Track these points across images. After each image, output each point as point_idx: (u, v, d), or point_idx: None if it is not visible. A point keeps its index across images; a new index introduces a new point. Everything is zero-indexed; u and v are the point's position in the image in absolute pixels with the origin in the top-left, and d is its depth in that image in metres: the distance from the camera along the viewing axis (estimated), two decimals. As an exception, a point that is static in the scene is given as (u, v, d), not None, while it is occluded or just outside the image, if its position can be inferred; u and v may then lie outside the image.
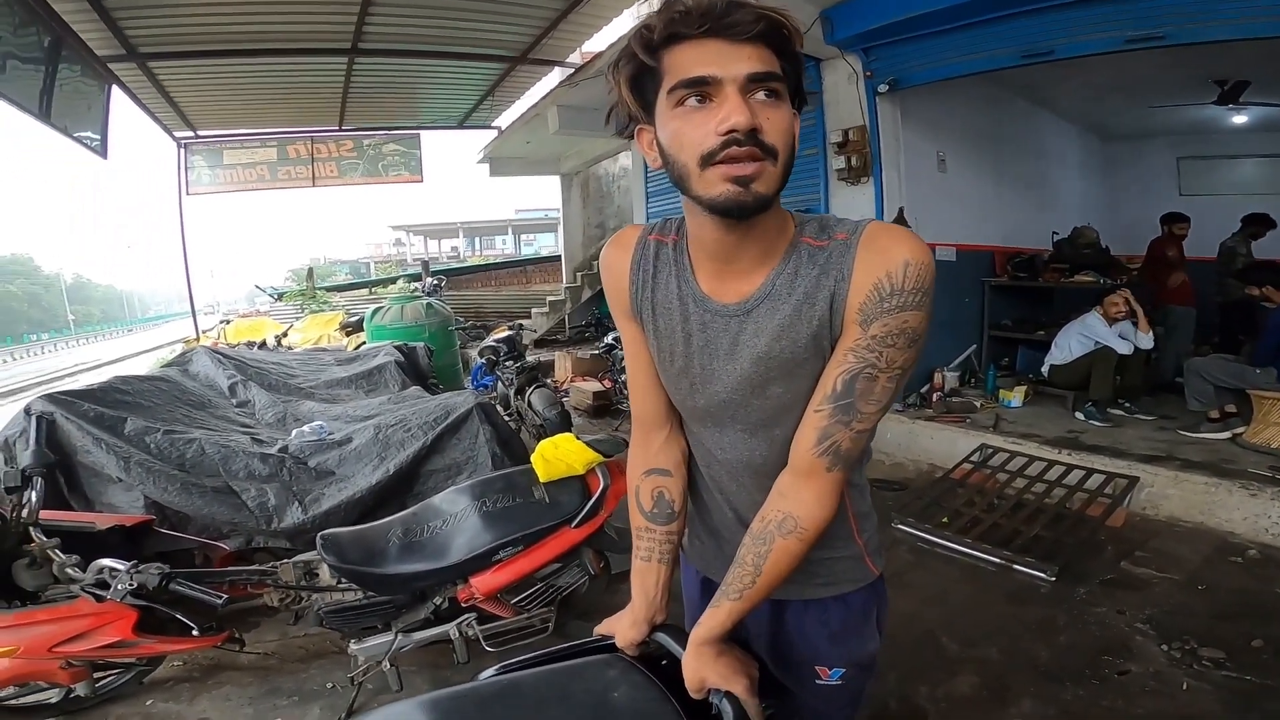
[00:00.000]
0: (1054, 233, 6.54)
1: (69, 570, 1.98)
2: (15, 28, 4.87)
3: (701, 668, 0.98)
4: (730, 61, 0.78)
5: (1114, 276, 5.90)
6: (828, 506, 0.95)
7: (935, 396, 5.31)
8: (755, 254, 0.92)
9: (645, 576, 1.13)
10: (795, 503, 0.95)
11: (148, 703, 2.42)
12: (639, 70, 0.85)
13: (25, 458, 2.25)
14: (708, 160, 0.80)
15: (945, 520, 3.65)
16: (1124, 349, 4.77)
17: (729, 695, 0.96)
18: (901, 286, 0.84)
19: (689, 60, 0.80)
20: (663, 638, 1.13)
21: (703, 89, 0.79)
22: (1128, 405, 4.96)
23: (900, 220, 5.35)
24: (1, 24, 4.71)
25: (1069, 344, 5.06)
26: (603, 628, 1.18)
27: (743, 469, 1.05)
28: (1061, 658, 2.54)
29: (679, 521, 1.15)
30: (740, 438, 1.03)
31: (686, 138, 0.81)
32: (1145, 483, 3.80)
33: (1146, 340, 4.84)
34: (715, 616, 0.98)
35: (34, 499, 2.05)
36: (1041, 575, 3.11)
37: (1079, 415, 4.87)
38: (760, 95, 0.80)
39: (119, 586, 1.89)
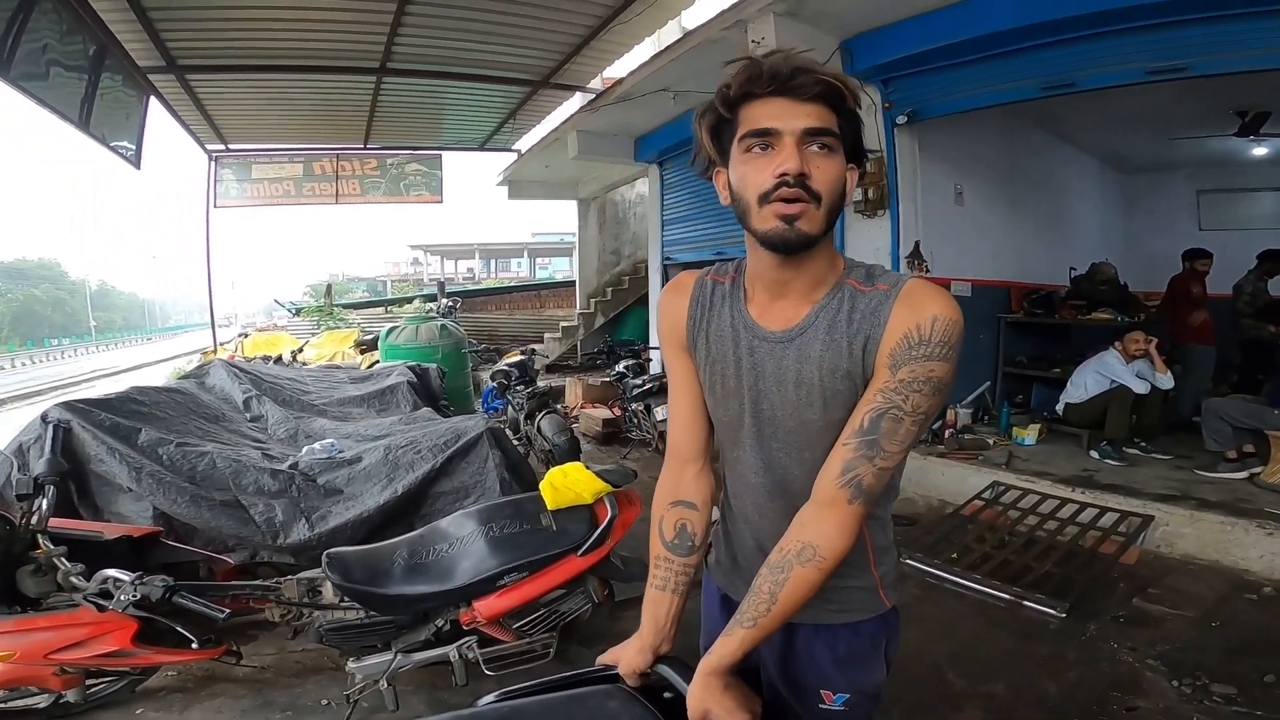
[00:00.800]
0: (1071, 268, 6.48)
1: (73, 579, 2.00)
2: (61, 35, 4.97)
3: (707, 698, 0.97)
4: (791, 117, 0.93)
5: (1132, 314, 5.83)
6: (847, 537, 0.99)
7: (948, 433, 5.24)
8: (804, 287, 1.03)
9: (658, 605, 1.16)
10: (816, 533, 0.99)
11: (138, 711, 2.42)
12: (718, 121, 1.00)
13: (39, 465, 2.28)
14: (764, 199, 0.94)
15: (955, 556, 3.60)
16: (1141, 388, 4.71)
17: None
18: (929, 338, 0.95)
19: (757, 114, 0.95)
20: (665, 670, 1.12)
21: (766, 139, 0.94)
22: (1143, 444, 4.87)
23: (915, 254, 5.35)
24: (48, 31, 4.80)
25: (1085, 382, 4.99)
26: (606, 657, 1.18)
27: (772, 494, 1.11)
28: (1070, 694, 2.50)
29: (698, 555, 1.20)
30: (776, 459, 1.10)
31: (750, 179, 0.96)
32: (1160, 521, 3.73)
33: (1165, 381, 4.76)
34: (728, 645, 0.99)
35: (44, 507, 2.06)
36: (1051, 611, 3.05)
37: (1094, 454, 4.80)
38: (814, 147, 0.93)
39: (122, 597, 1.90)
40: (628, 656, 1.13)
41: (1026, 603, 3.14)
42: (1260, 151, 7.02)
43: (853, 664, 1.14)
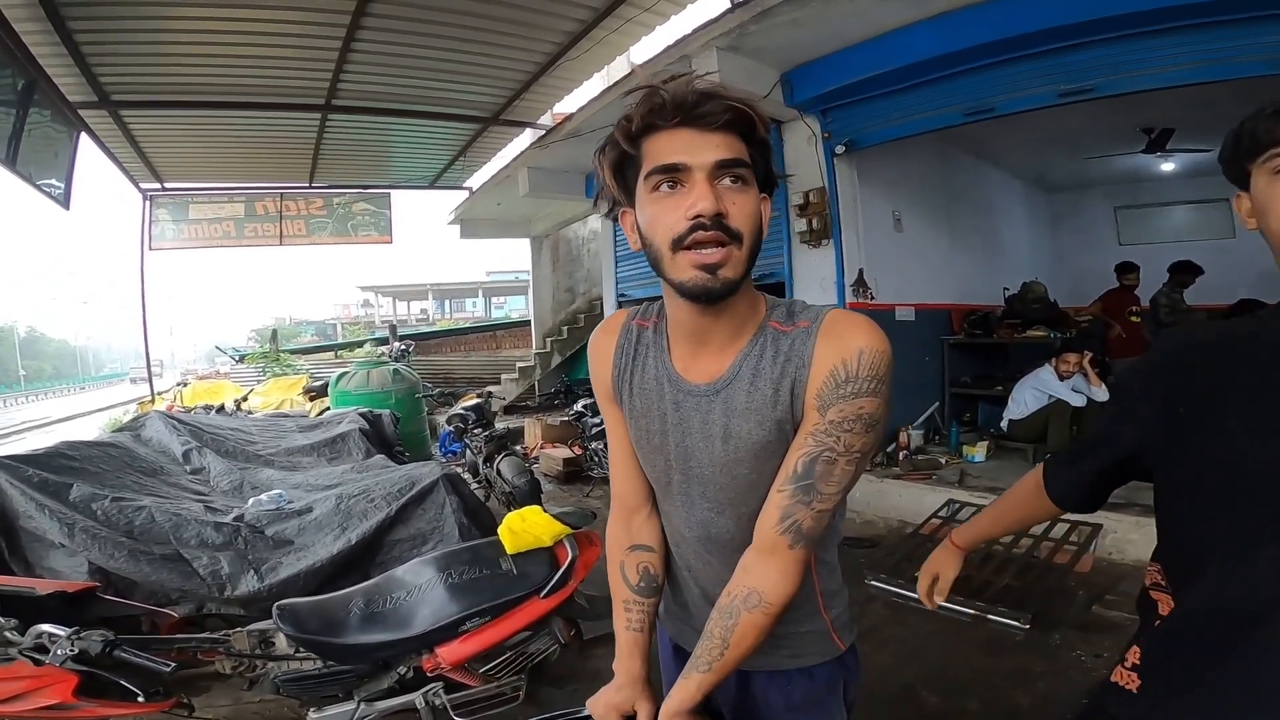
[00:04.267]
0: (1005, 288, 6.77)
1: (6, 634, 1.88)
2: None
3: None
4: (699, 150, 0.85)
5: (1064, 330, 6.10)
6: (791, 581, 0.97)
7: (901, 454, 5.36)
8: (726, 335, 0.97)
9: (635, 647, 1.15)
10: (760, 578, 0.97)
11: (85, 770, 2.25)
12: (620, 157, 0.92)
13: (-37, 525, 2.15)
14: (677, 244, 0.86)
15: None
16: (1077, 401, 4.90)
17: None
18: (856, 374, 0.90)
19: (662, 148, 0.87)
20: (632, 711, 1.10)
21: (674, 175, 0.86)
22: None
23: (860, 282, 5.50)
24: None
25: (1024, 398, 5.17)
26: (590, 702, 1.15)
27: (709, 546, 1.09)
28: (1041, 704, 2.54)
29: (659, 595, 1.20)
30: (708, 515, 1.06)
31: (659, 222, 0.88)
32: (1108, 529, 3.86)
33: (1100, 393, 4.96)
34: (685, 689, 0.99)
35: (-30, 567, 1.95)
36: (1015, 624, 3.11)
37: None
38: (727, 181, 0.87)
39: (59, 652, 1.80)
40: (607, 697, 1.10)
41: (991, 617, 3.19)
42: (1169, 167, 7.52)
43: (809, 709, 1.12)
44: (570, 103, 7.88)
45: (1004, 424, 5.38)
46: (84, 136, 6.86)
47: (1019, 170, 8.08)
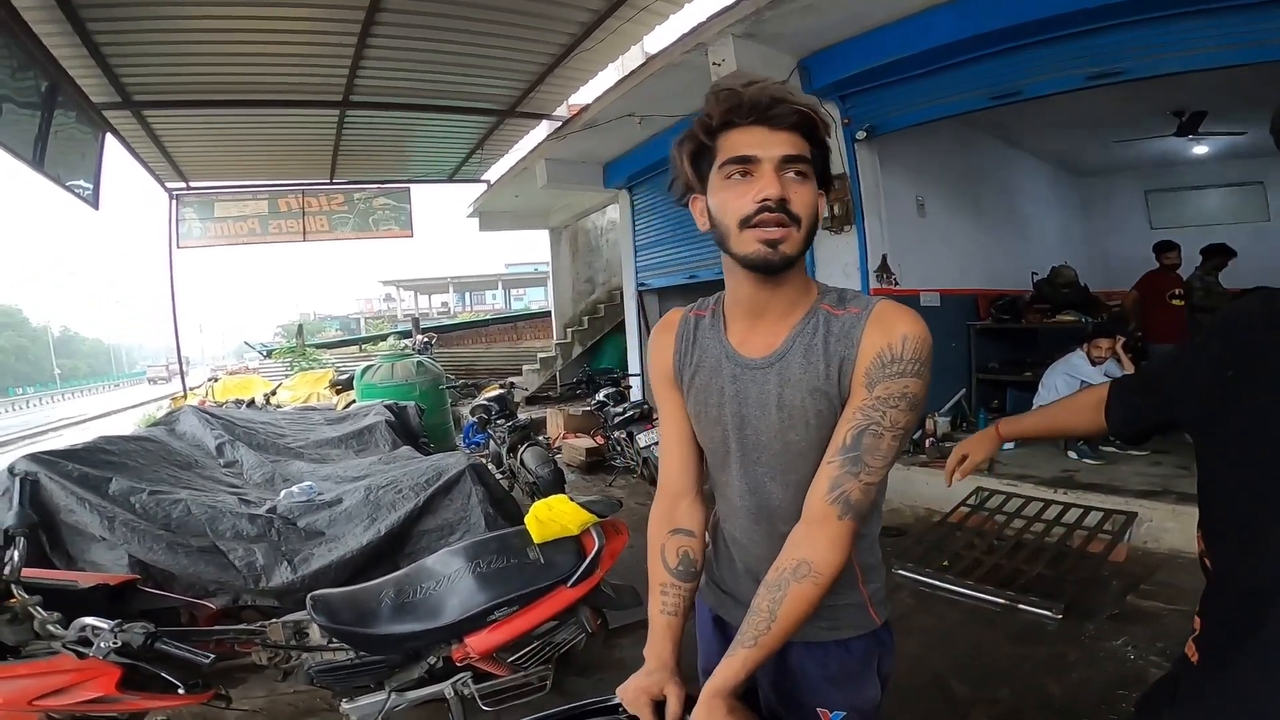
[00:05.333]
0: (1033, 273, 6.65)
1: (50, 627, 1.93)
2: (13, 71, 4.86)
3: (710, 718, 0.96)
4: (769, 145, 0.98)
5: (1095, 314, 5.97)
6: (840, 552, 1.01)
7: (929, 442, 5.29)
8: (780, 310, 1.08)
9: (668, 631, 1.17)
10: (808, 549, 1.01)
11: (126, 761, 2.31)
12: (698, 149, 1.05)
13: (8, 517, 2.21)
14: (745, 223, 0.99)
15: (946, 564, 3.61)
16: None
17: None
18: (901, 356, 1.00)
19: (737, 143, 1.00)
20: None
21: (746, 165, 0.99)
22: (1119, 442, 4.97)
23: (884, 268, 5.44)
24: None
25: (1055, 384, 5.08)
26: (620, 689, 1.14)
27: (759, 516, 1.14)
28: (1074, 694, 2.50)
29: (697, 580, 1.24)
30: (760, 482, 1.13)
31: (730, 205, 1.01)
32: (1144, 517, 3.79)
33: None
34: (731, 666, 0.99)
35: (16, 558, 2.01)
36: (1047, 614, 3.07)
37: (1072, 454, 4.87)
38: (791, 174, 0.99)
39: (101, 644, 1.84)
40: (637, 682, 1.10)
41: (1021, 606, 3.16)
42: (1201, 150, 7.32)
43: (846, 681, 1.16)
44: (586, 94, 7.86)
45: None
46: (109, 137, 6.98)
47: (1046, 154, 7.91)
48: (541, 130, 8.96)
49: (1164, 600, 3.15)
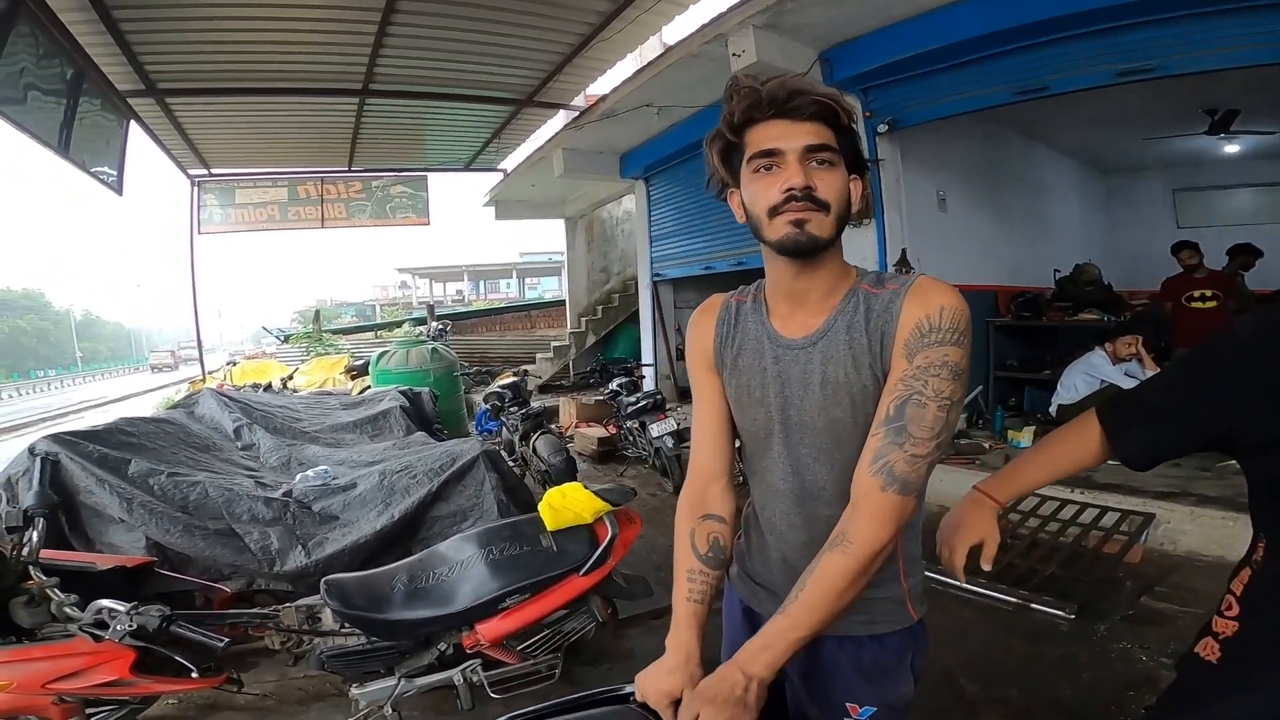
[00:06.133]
0: (1056, 270, 6.55)
1: (67, 609, 1.96)
2: (39, 59, 4.91)
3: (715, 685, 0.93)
4: (792, 137, 1.01)
5: (1118, 313, 5.87)
6: (881, 526, 0.98)
7: (943, 436, 5.24)
8: (821, 293, 1.09)
9: (693, 620, 1.12)
10: (848, 522, 1.00)
11: (140, 741, 2.36)
12: (726, 146, 1.08)
13: (28, 498, 2.25)
14: (774, 212, 1.02)
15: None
16: (1130, 387, 4.72)
17: None
18: (939, 325, 1.01)
19: (761, 137, 1.02)
20: None
21: (771, 159, 1.01)
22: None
23: (903, 261, 5.38)
24: (25, 55, 4.74)
25: (1074, 383, 5.01)
26: (639, 678, 1.11)
27: (801, 501, 1.13)
28: (1085, 695, 2.48)
29: (725, 568, 1.22)
30: (805, 463, 1.12)
31: (759, 196, 1.03)
32: (1161, 519, 3.74)
33: (1154, 378, 4.78)
34: (755, 639, 0.97)
35: (35, 539, 2.03)
36: (1060, 613, 3.04)
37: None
38: (815, 163, 1.01)
39: (118, 627, 1.86)
40: (657, 678, 1.06)
41: (1034, 606, 3.13)
42: (1232, 149, 7.14)
43: (878, 676, 1.14)
44: (604, 84, 7.83)
45: (1052, 409, 5.22)
46: (133, 124, 7.05)
47: (1071, 150, 7.78)
48: (559, 120, 8.95)
49: (1178, 603, 3.11)
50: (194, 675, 2.03)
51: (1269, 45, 3.54)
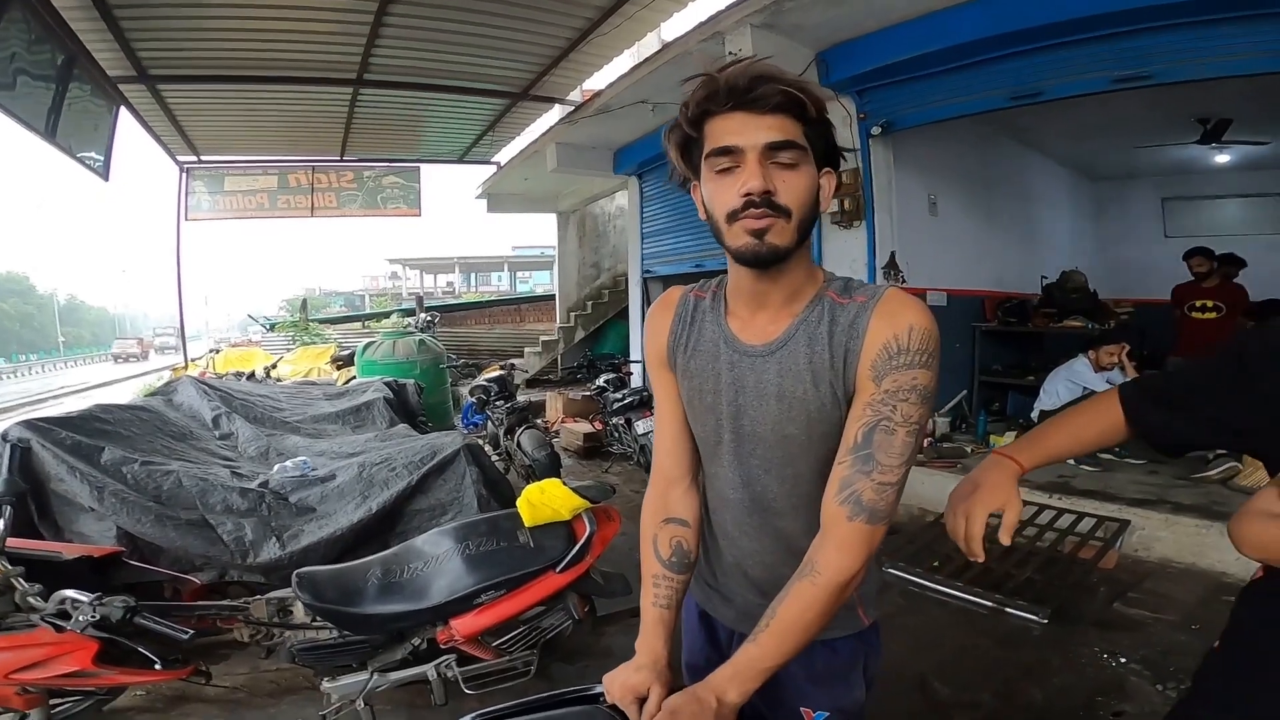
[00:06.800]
0: (1043, 276, 6.59)
1: (30, 599, 1.93)
2: (29, 44, 4.83)
3: (684, 707, 0.92)
4: (752, 132, 0.92)
5: (1103, 321, 5.91)
6: (848, 555, 0.95)
7: (927, 442, 5.26)
8: (782, 298, 1.04)
9: (660, 625, 1.13)
10: (817, 550, 0.98)
11: (105, 732, 2.33)
12: (685, 139, 1.00)
13: (-4, 485, 2.20)
14: (732, 218, 0.95)
15: (937, 564, 3.60)
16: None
17: None
18: (908, 346, 0.95)
19: (719, 131, 0.95)
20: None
21: (730, 156, 0.94)
22: (1118, 449, 4.93)
23: (891, 264, 5.39)
24: (15, 39, 4.66)
25: (1056, 389, 5.04)
26: (607, 679, 1.11)
27: (752, 510, 1.10)
28: (1055, 700, 2.50)
29: (692, 572, 1.20)
30: (755, 475, 1.08)
31: (717, 198, 0.97)
32: (1136, 525, 3.77)
33: (1134, 387, 4.81)
34: (726, 667, 0.96)
35: (1, 527, 1.99)
36: (1034, 618, 3.06)
37: (1069, 460, 4.83)
38: (778, 163, 0.93)
39: (80, 618, 1.84)
40: (625, 675, 1.08)
41: (1008, 610, 3.14)
42: (1222, 159, 7.17)
43: (831, 681, 1.14)
44: (599, 79, 7.81)
45: (1034, 414, 5.25)
46: (123, 111, 6.95)
47: (1062, 157, 7.81)
48: (554, 114, 8.91)
49: (1150, 609, 3.14)
50: (158, 667, 2.00)
51: (1265, 55, 3.55)
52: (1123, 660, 2.71)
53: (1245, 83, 4.04)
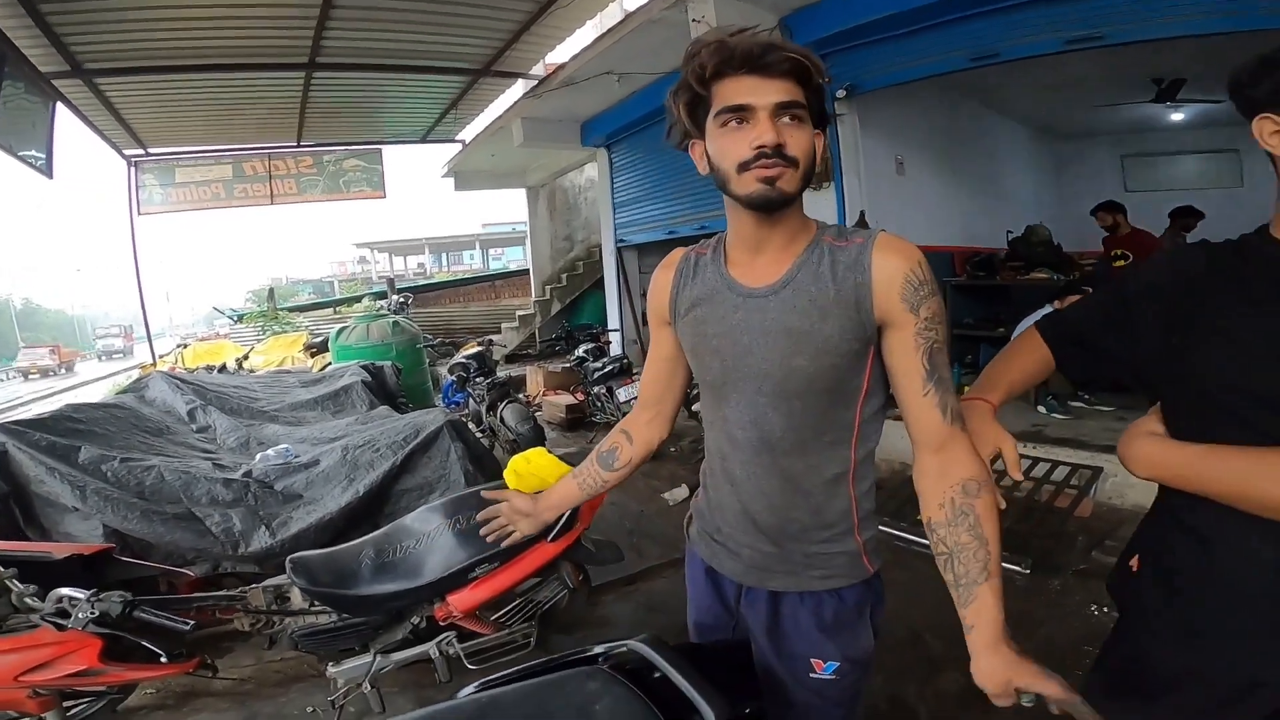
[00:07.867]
0: (1008, 231, 6.69)
1: (27, 599, 1.91)
2: None
3: (1007, 669, 0.97)
4: (763, 93, 1.00)
5: (1068, 272, 6.04)
6: (979, 457, 1.07)
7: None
8: (781, 241, 1.10)
9: (567, 491, 1.48)
10: (960, 467, 1.06)
11: (122, 730, 2.33)
12: (693, 98, 1.06)
13: (-25, 490, 2.16)
14: (744, 167, 1.02)
15: (919, 518, 3.68)
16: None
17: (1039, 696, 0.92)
18: (925, 278, 1.05)
19: (732, 91, 1.02)
20: (642, 648, 1.12)
21: (742, 114, 1.01)
22: (1087, 397, 5.08)
23: (861, 222, 5.43)
24: None
25: (1025, 340, 5.15)
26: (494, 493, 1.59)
27: (759, 449, 1.14)
28: (1042, 650, 2.54)
29: (614, 475, 1.42)
30: (763, 411, 1.13)
31: (728, 151, 1.03)
32: (1109, 472, 3.87)
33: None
34: (985, 609, 1.00)
35: (-15, 529, 1.97)
36: (1016, 569, 3.13)
37: (1041, 409, 4.97)
38: (786, 119, 1.01)
39: (79, 615, 1.82)
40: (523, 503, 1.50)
41: (991, 559, 3.23)
42: (1178, 117, 7.32)
43: (840, 631, 1.17)
44: (563, 52, 7.70)
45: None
46: (60, 106, 6.74)
47: (1024, 117, 7.89)
48: (518, 89, 8.77)
49: (1127, 557, 3.24)
50: (164, 661, 1.99)
51: (1215, 15, 3.59)
52: (1105, 609, 2.76)
53: (1195, 44, 4.09)
